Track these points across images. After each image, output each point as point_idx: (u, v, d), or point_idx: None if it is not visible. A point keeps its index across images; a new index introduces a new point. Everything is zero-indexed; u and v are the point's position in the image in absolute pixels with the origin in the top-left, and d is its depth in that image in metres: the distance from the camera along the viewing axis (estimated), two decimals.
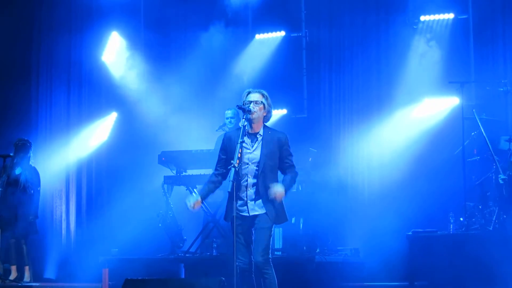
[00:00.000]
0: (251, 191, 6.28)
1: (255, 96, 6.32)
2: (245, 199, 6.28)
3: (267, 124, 6.43)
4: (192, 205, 6.31)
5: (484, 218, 8.97)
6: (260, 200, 6.26)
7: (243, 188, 6.27)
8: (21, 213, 9.86)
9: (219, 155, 6.42)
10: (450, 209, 9.26)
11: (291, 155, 6.37)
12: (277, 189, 6.18)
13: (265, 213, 6.23)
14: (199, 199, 6.35)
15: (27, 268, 10.05)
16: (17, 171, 9.96)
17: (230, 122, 9.82)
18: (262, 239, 6.20)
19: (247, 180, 6.26)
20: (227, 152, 6.33)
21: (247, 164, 6.28)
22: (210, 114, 11.08)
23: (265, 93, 6.38)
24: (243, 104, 6.28)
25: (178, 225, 9.92)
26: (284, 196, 6.21)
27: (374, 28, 11.28)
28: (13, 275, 9.98)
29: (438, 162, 10.32)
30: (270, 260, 6.22)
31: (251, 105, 6.27)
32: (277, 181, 6.28)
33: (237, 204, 6.26)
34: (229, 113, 9.89)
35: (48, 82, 12.23)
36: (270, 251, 6.24)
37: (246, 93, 6.38)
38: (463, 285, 8.26)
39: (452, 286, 8.34)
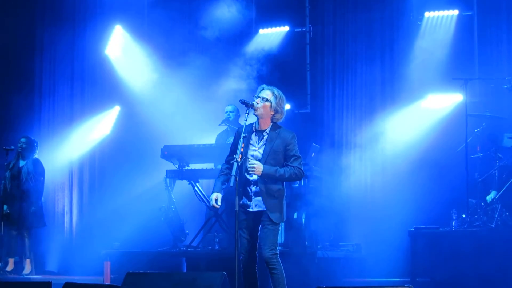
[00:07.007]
0: (254, 188, 6.27)
1: (264, 93, 6.30)
2: (250, 194, 6.28)
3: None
4: (214, 203, 6.26)
5: (486, 215, 8.95)
6: (260, 197, 6.24)
7: (248, 184, 6.26)
8: (25, 205, 9.93)
9: (230, 148, 6.41)
10: (452, 205, 9.23)
11: (295, 156, 6.25)
12: (254, 164, 6.13)
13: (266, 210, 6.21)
14: (217, 194, 6.28)
15: (28, 261, 10.08)
16: (21, 163, 10.13)
17: (229, 116, 10.01)
18: (268, 235, 6.18)
19: (251, 176, 6.24)
20: (235, 146, 6.31)
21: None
22: (213, 108, 11.06)
23: (276, 93, 6.30)
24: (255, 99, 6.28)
25: (180, 219, 9.92)
26: (259, 174, 6.12)
27: (378, 24, 11.26)
28: (9, 266, 10.02)
29: (441, 159, 10.31)
30: (278, 255, 6.19)
31: (256, 100, 6.26)
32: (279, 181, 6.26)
33: (243, 199, 6.26)
34: (228, 108, 10.12)
35: (51, 76, 12.20)
36: (277, 247, 6.20)
37: (260, 89, 6.36)
38: (464, 281, 8.26)
39: (453, 282, 8.34)
